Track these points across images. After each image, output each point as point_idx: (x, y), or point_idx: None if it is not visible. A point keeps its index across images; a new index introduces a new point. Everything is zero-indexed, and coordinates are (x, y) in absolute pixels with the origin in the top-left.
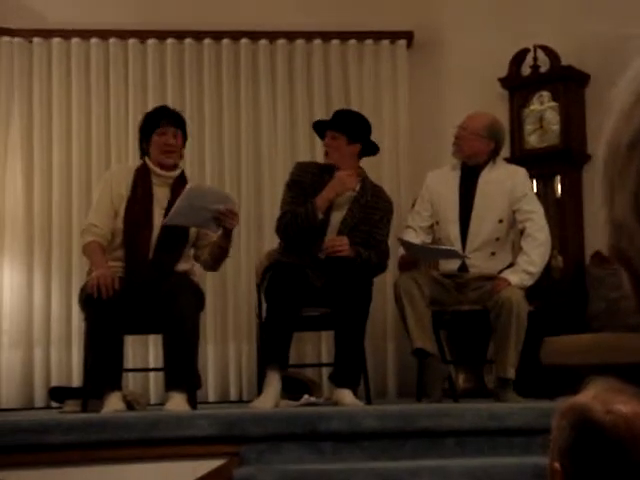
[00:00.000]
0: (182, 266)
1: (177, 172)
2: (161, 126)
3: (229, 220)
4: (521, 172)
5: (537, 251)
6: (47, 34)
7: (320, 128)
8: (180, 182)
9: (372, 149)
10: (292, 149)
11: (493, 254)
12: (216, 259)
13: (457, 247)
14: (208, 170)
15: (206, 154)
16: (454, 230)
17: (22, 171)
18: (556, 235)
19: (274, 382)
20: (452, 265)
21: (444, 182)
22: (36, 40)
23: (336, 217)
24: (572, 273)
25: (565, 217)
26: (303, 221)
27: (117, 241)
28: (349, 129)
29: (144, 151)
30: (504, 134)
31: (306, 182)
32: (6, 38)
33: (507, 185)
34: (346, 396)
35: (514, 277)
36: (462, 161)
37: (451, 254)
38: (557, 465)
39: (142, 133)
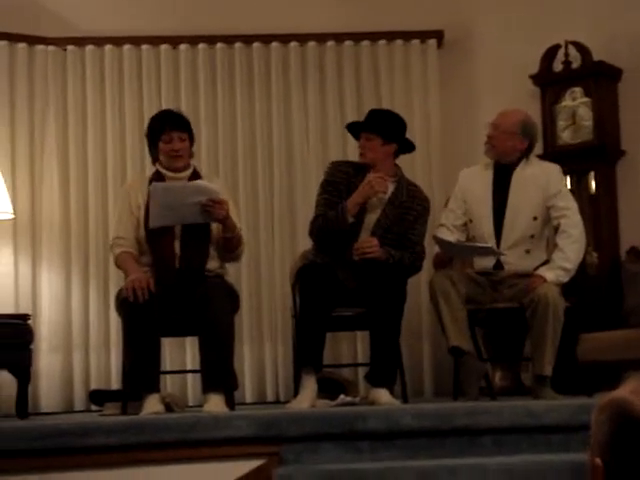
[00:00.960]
0: (212, 264)
1: (189, 172)
2: (165, 132)
3: (216, 210)
4: (555, 169)
5: (572, 247)
6: (80, 42)
7: (354, 129)
8: (194, 179)
9: (408, 147)
10: (324, 150)
11: (528, 252)
12: (227, 249)
13: (492, 244)
14: (240, 172)
15: (239, 156)
16: (488, 227)
17: (58, 178)
18: (591, 231)
19: (310, 383)
20: (487, 262)
21: (477, 180)
22: (70, 48)
23: (370, 218)
24: (607, 269)
25: (600, 213)
26: (334, 225)
27: (144, 248)
28: (384, 130)
29: (155, 157)
30: (537, 131)
31: (340, 182)
32: (41, 46)
33: (541, 182)
34: (382, 395)
35: (550, 274)
36: (495, 159)
37: (486, 251)
38: (598, 460)
39: (149, 140)
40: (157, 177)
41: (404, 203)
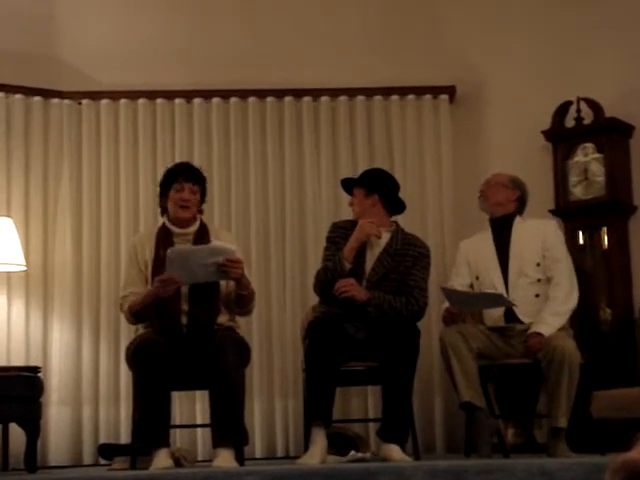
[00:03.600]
0: (222, 319)
1: (195, 226)
2: (178, 181)
3: (232, 270)
4: (552, 223)
5: (562, 296)
6: (95, 95)
7: (348, 187)
8: (201, 234)
9: (399, 205)
10: (336, 204)
11: (537, 295)
12: (240, 305)
13: (502, 291)
14: (253, 226)
15: (251, 208)
16: (497, 276)
17: (71, 230)
18: (604, 287)
19: (320, 438)
20: (497, 312)
21: (478, 241)
22: (85, 101)
23: (369, 268)
24: (621, 325)
25: (613, 269)
26: (333, 273)
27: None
28: (364, 181)
29: (163, 209)
30: (527, 190)
31: (340, 237)
32: (56, 100)
33: (540, 232)
34: (394, 452)
35: (545, 327)
36: (490, 216)
37: (496, 301)
38: None
39: (161, 188)
40: (164, 231)
41: (399, 251)
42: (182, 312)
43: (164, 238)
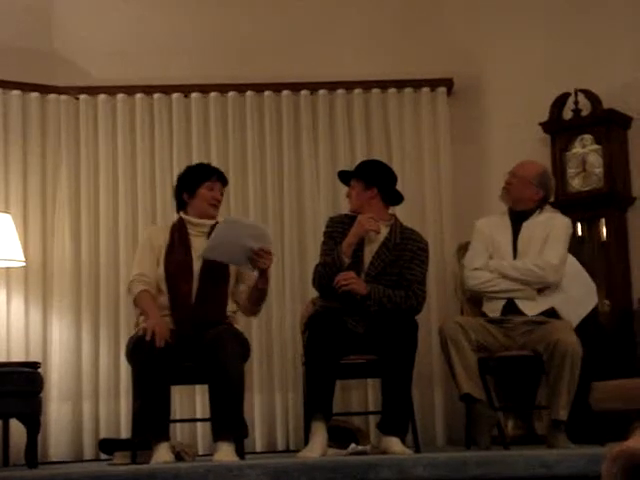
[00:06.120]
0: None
1: (213, 221)
2: (212, 180)
3: (262, 260)
4: (563, 220)
5: (522, 267)
6: (93, 90)
7: (345, 179)
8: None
9: (396, 196)
10: (334, 198)
11: (540, 290)
12: (254, 302)
13: None
14: (251, 219)
15: (250, 204)
16: None
17: (70, 225)
18: (602, 279)
19: (320, 432)
20: (497, 304)
21: (497, 227)
22: (82, 97)
23: (367, 262)
24: (619, 317)
25: (611, 260)
26: (332, 268)
27: (161, 288)
28: (363, 174)
29: (181, 204)
30: (553, 184)
31: (337, 231)
32: (53, 95)
33: (548, 225)
34: (394, 444)
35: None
36: (509, 207)
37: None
38: None
39: (186, 185)
40: (180, 224)
41: (398, 245)
42: (192, 295)
43: (179, 230)
